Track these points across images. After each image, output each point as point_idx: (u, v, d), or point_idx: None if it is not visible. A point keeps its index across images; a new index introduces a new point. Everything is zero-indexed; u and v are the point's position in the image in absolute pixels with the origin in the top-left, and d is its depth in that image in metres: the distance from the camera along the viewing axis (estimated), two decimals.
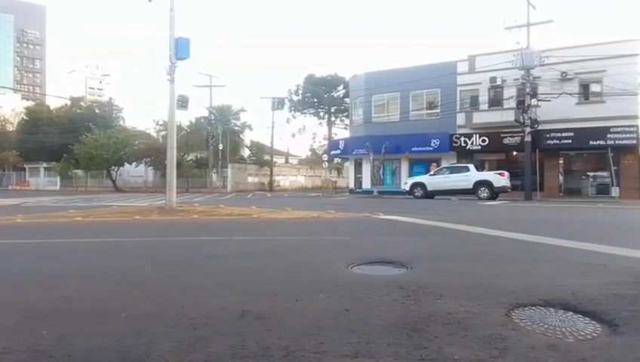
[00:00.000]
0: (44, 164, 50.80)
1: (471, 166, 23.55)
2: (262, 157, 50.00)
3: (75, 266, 5.16)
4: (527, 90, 23.50)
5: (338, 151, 34.91)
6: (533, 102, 23.87)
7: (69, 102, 58.03)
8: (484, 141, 26.83)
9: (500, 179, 22.07)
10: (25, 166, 52.31)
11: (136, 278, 4.47)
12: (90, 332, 2.76)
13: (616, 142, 23.26)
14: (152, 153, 41.00)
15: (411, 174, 28.72)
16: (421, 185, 23.74)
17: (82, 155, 42.40)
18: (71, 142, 43.57)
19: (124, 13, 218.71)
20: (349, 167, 36.56)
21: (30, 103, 67.62)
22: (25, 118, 55.75)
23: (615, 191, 22.89)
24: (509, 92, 25.85)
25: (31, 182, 51.49)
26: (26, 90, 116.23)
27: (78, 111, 55.21)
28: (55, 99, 66.26)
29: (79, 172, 47.85)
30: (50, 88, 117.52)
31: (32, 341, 2.62)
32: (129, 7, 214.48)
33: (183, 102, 15.18)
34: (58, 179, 49.49)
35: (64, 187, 47.71)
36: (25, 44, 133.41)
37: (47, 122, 51.52)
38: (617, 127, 23.34)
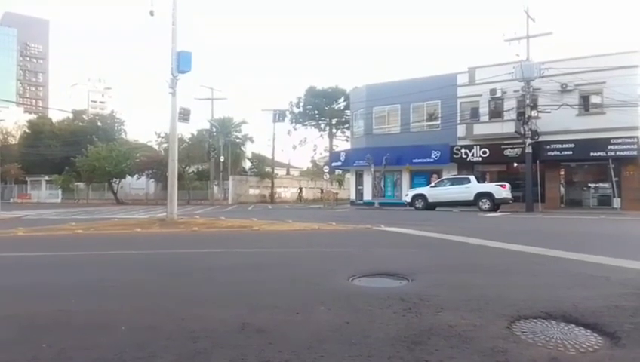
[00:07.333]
0: (46, 177, 51.00)
1: (472, 177, 23.57)
2: (263, 169, 50.09)
3: (75, 278, 5.15)
4: (527, 101, 23.62)
5: (339, 163, 35.01)
6: (534, 113, 23.98)
7: (71, 115, 58.40)
8: (484, 152, 26.89)
9: (501, 190, 22.07)
10: (27, 179, 52.45)
11: (137, 290, 4.45)
12: (90, 346, 2.75)
13: (617, 153, 23.30)
14: (154, 165, 41.15)
15: (412, 186, 28.75)
16: (422, 196, 23.74)
17: (84, 168, 42.55)
18: (73, 155, 43.77)
19: (127, 27, 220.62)
20: (350, 179, 36.60)
21: (32, 116, 68.01)
22: (27, 131, 56.06)
23: (616, 202, 22.89)
24: (509, 104, 25.95)
25: (32, 195, 51.57)
26: (29, 103, 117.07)
27: (80, 124, 55.58)
28: (57, 113, 66.76)
29: (81, 184, 48.03)
30: (52, 101, 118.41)
31: (32, 354, 2.60)
32: (131, 21, 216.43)
33: (184, 115, 15.25)
34: (60, 191, 49.63)
35: (65, 200, 47.78)
36: (28, 58, 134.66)
37: (49, 135, 51.81)
38: (618, 138, 23.40)
